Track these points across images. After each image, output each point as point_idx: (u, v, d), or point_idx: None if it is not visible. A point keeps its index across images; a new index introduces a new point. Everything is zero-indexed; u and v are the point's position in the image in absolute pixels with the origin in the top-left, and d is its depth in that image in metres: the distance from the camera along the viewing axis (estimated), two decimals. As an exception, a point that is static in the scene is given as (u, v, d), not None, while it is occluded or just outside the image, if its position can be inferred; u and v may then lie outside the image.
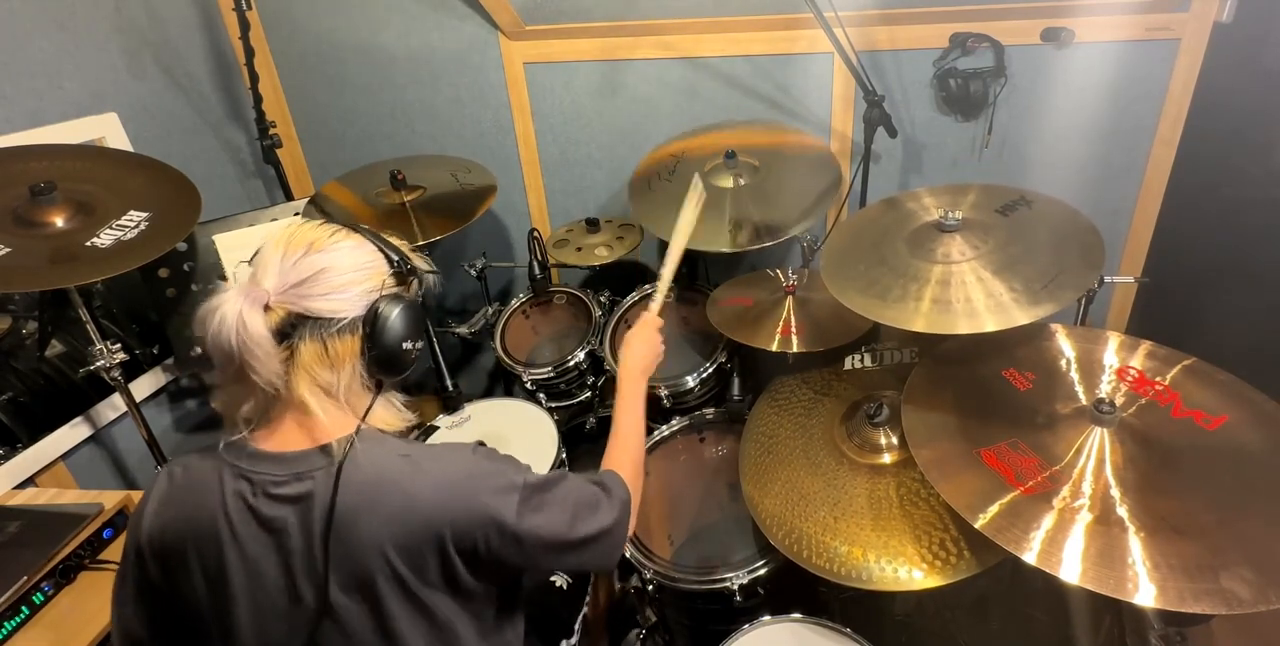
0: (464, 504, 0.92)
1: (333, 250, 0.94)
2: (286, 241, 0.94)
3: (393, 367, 0.97)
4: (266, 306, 0.89)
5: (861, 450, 1.48)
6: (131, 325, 1.97)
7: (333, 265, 0.93)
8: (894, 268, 1.45)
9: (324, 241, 0.94)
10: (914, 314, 1.33)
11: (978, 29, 1.87)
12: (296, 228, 0.96)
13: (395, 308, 0.94)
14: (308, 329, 0.91)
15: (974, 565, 1.23)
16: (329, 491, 0.89)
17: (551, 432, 1.86)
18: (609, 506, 1.05)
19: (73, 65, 1.84)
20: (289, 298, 0.90)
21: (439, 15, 2.19)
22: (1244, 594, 0.97)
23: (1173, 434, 1.21)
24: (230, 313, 0.87)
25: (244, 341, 0.86)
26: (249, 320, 0.86)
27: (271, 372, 0.89)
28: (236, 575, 0.91)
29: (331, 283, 0.92)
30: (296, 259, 0.92)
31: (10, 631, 1.31)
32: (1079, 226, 1.44)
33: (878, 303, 1.38)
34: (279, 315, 0.90)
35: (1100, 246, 1.38)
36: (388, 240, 1.01)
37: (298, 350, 0.90)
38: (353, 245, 0.96)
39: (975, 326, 1.28)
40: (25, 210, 1.42)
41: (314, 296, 0.91)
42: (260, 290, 0.90)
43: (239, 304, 0.87)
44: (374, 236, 0.99)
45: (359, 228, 1.00)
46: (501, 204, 2.43)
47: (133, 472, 1.98)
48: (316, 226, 0.97)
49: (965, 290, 1.34)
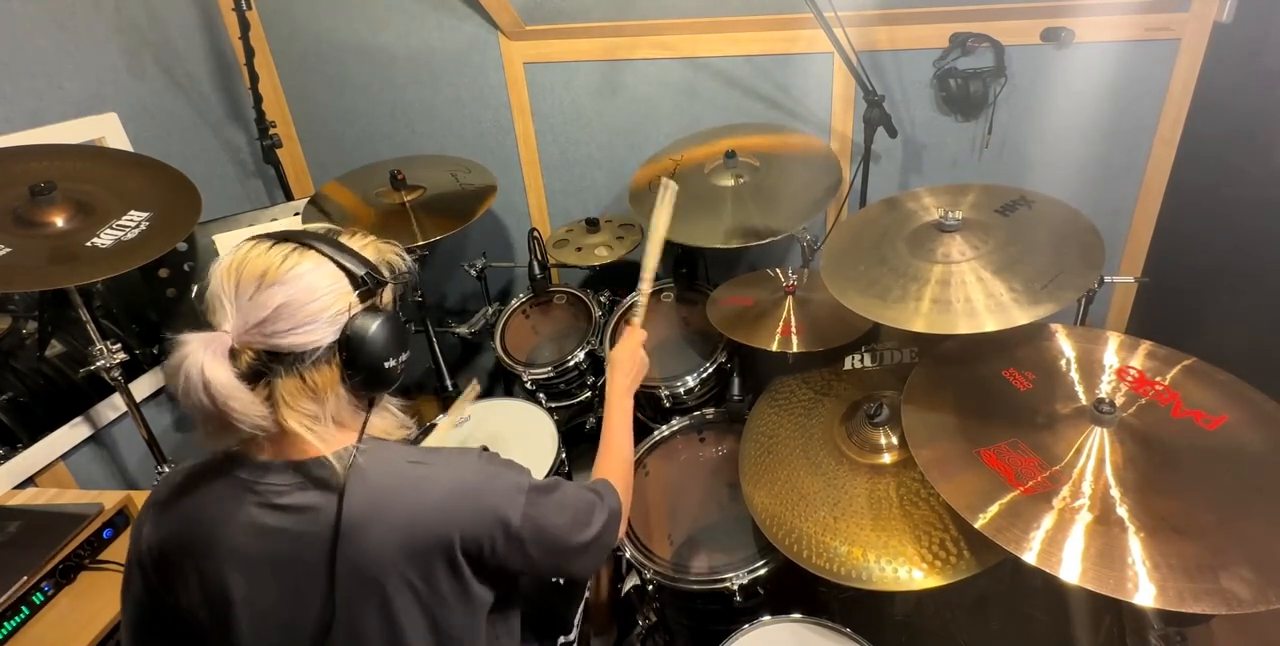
0: (472, 507, 0.91)
1: (288, 280, 0.85)
2: (237, 274, 0.86)
3: (379, 385, 0.93)
4: (232, 351, 0.84)
5: (861, 450, 1.48)
6: (131, 325, 1.97)
7: (292, 298, 0.85)
8: (894, 268, 1.45)
9: (276, 270, 0.85)
10: (914, 314, 1.33)
11: (978, 29, 1.87)
12: (243, 256, 0.87)
13: (370, 325, 0.88)
14: (282, 365, 0.85)
15: (974, 565, 1.23)
16: (334, 502, 0.88)
17: (551, 432, 1.86)
18: (602, 512, 1.06)
19: (73, 65, 1.84)
20: (253, 338, 0.84)
21: (439, 15, 2.19)
22: (1244, 594, 0.97)
23: (1173, 434, 1.21)
24: (194, 369, 0.80)
25: (215, 396, 0.81)
26: (215, 375, 0.80)
27: (255, 417, 0.84)
28: (237, 585, 0.90)
29: (295, 316, 0.85)
30: (251, 294, 0.84)
31: (10, 631, 1.31)
32: (1079, 226, 1.44)
33: (877, 303, 1.38)
34: (248, 358, 0.84)
35: (1100, 246, 1.38)
36: (348, 248, 0.92)
37: (275, 386, 0.86)
38: (310, 267, 0.87)
39: (975, 326, 1.28)
40: (25, 210, 1.42)
41: (280, 333, 0.84)
42: (220, 336, 0.83)
43: (200, 358, 0.80)
44: (332, 248, 0.90)
45: (312, 242, 0.90)
46: (501, 204, 2.43)
47: (133, 472, 1.98)
48: (265, 252, 0.87)
49: (965, 290, 1.34)
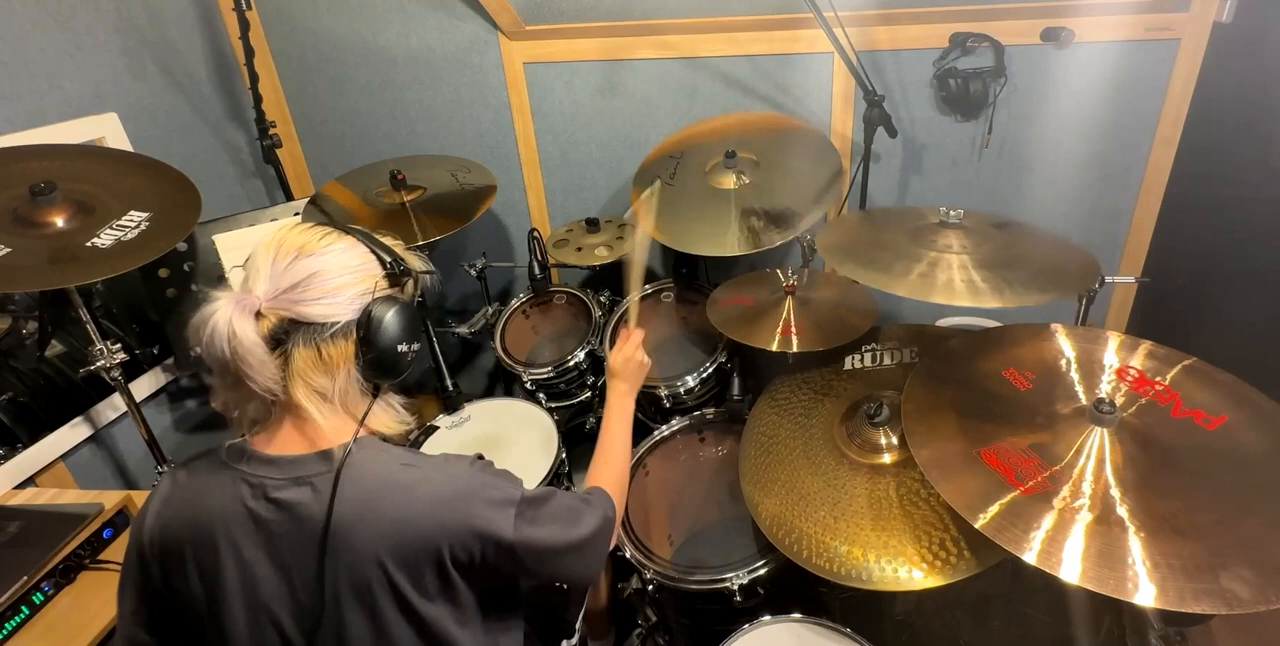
0: (462, 517, 0.92)
1: (324, 253, 0.92)
2: (277, 246, 0.92)
3: (389, 370, 0.96)
4: (258, 313, 0.88)
5: (861, 450, 1.48)
6: (131, 325, 1.97)
7: (324, 269, 0.91)
8: (893, 251, 1.57)
9: (314, 245, 0.93)
10: (899, 282, 1.47)
11: (978, 29, 1.87)
12: (287, 231, 0.94)
13: (389, 310, 0.93)
14: (301, 334, 0.90)
15: (974, 565, 1.23)
16: (327, 498, 0.89)
17: (551, 432, 1.86)
18: (593, 519, 1.06)
19: (73, 65, 1.84)
20: (281, 303, 0.89)
21: (439, 15, 2.19)
22: (1244, 594, 0.97)
23: (1173, 434, 1.21)
24: (221, 321, 0.85)
25: (236, 350, 0.86)
26: (240, 329, 0.85)
27: (267, 379, 0.88)
28: (231, 577, 0.91)
29: (323, 287, 0.91)
30: (287, 263, 0.90)
31: (10, 631, 1.31)
32: (1070, 251, 1.57)
33: (868, 271, 1.52)
34: (271, 321, 0.89)
35: (1095, 265, 1.51)
36: (380, 241, 0.99)
37: (292, 356, 0.90)
38: (344, 247, 0.95)
39: (948, 298, 1.42)
40: (25, 210, 1.42)
41: (306, 301, 0.90)
42: (251, 297, 0.89)
43: (229, 312, 0.86)
44: (366, 237, 0.98)
45: (350, 229, 0.98)
46: (501, 204, 2.43)
47: (133, 472, 1.98)
48: (307, 229, 0.95)
49: (950, 273, 1.48)
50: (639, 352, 1.42)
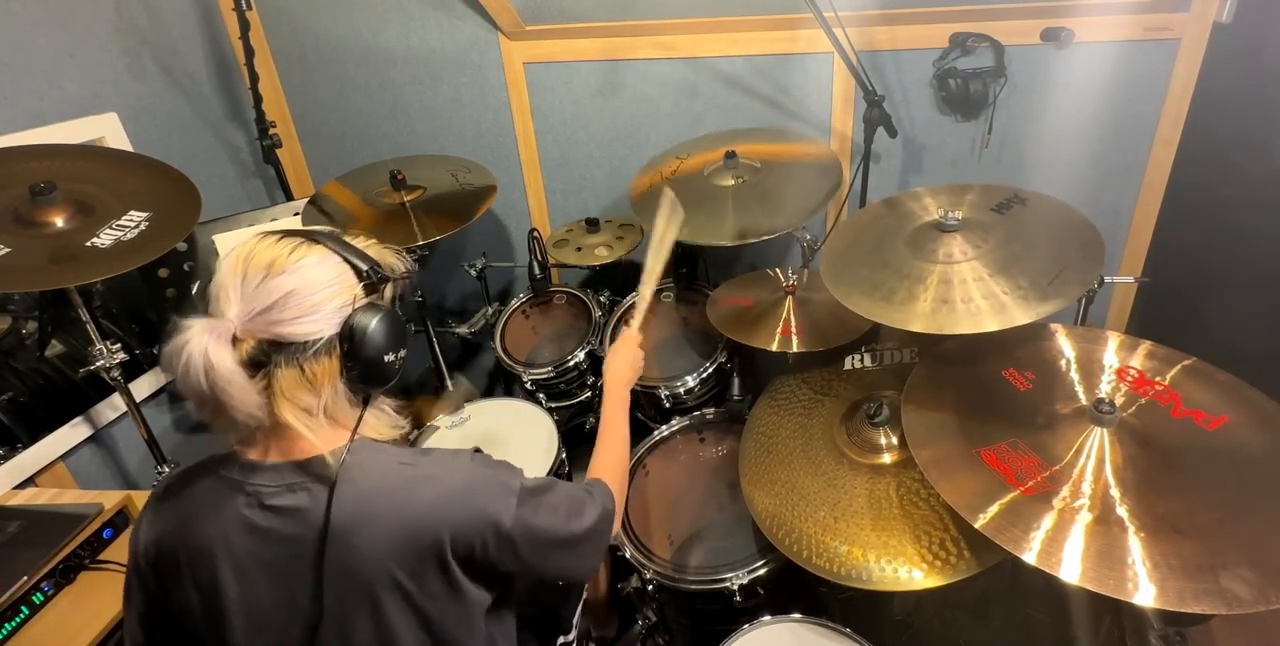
0: (464, 509, 0.92)
1: (296, 270, 0.88)
2: (244, 263, 0.88)
3: (377, 380, 0.93)
4: (234, 337, 0.85)
5: (861, 450, 1.48)
6: (131, 325, 1.97)
7: (299, 286, 0.87)
8: (896, 269, 1.45)
9: (284, 260, 0.88)
10: (915, 315, 1.33)
11: (978, 29, 1.87)
12: (252, 247, 0.90)
13: (371, 320, 0.90)
14: (282, 355, 0.87)
15: (974, 565, 1.23)
16: (324, 504, 0.88)
17: (551, 432, 1.86)
18: (594, 510, 1.06)
19: (73, 65, 1.84)
20: (257, 325, 0.86)
21: (439, 15, 2.19)
22: (1244, 594, 0.97)
23: (1173, 434, 1.21)
24: (196, 351, 0.82)
25: (215, 381, 0.82)
26: (217, 358, 0.82)
27: (251, 406, 0.85)
28: (229, 586, 0.90)
29: (300, 305, 0.87)
30: (258, 282, 0.86)
31: (10, 631, 1.31)
32: (1075, 222, 1.45)
33: (881, 304, 1.38)
34: (249, 345, 0.86)
35: (1099, 242, 1.39)
36: (353, 246, 0.95)
37: (274, 378, 0.87)
38: (316, 260, 0.90)
39: (976, 326, 1.28)
40: (25, 210, 1.42)
41: (284, 322, 0.86)
42: (226, 322, 0.85)
43: (204, 341, 0.82)
44: (338, 245, 0.94)
45: (319, 237, 0.93)
46: (501, 204, 2.43)
47: (133, 473, 1.98)
48: (274, 244, 0.91)
49: (967, 289, 1.35)
50: (636, 352, 1.42)
